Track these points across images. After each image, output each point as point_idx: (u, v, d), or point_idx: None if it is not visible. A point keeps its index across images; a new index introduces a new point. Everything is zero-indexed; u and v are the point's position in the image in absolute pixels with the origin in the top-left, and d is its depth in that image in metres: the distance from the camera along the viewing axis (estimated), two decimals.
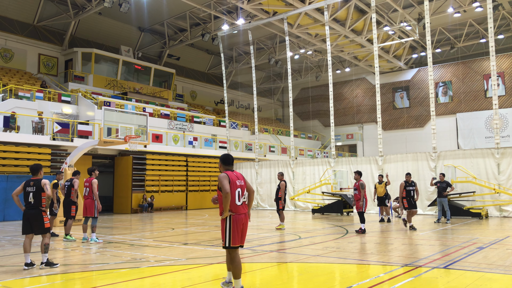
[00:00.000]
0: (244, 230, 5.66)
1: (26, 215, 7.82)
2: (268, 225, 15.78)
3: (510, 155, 17.82)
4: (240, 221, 5.58)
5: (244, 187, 5.74)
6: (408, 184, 13.72)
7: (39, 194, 7.83)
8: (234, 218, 5.55)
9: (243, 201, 5.68)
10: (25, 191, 7.90)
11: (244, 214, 5.64)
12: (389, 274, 7.03)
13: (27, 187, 7.90)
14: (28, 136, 20.09)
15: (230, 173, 5.68)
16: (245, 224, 5.68)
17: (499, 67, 35.86)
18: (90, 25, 31.15)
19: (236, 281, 5.57)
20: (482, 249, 9.35)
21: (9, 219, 18.43)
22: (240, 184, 5.68)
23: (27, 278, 7.00)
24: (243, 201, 5.68)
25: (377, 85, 21.76)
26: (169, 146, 26.32)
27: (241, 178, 5.77)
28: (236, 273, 5.58)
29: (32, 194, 7.83)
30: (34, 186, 7.85)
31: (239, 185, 5.65)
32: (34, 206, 7.81)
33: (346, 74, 43.32)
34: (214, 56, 40.15)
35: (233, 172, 5.73)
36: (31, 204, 7.82)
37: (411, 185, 13.70)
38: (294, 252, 9.35)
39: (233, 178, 5.63)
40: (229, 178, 5.56)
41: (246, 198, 5.75)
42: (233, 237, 5.52)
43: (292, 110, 26.47)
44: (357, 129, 43.64)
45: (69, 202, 12.29)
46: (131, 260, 8.60)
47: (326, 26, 24.37)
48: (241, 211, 5.62)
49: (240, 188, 5.65)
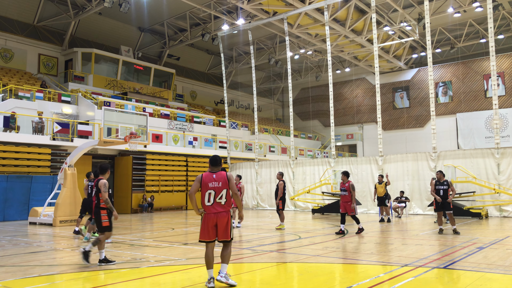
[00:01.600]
0: (219, 228, 6.15)
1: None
2: (268, 225, 15.78)
3: (510, 155, 17.82)
4: (210, 219, 6.14)
5: (220, 188, 6.16)
6: (439, 183, 12.54)
7: (97, 194, 8.33)
8: (204, 217, 6.20)
9: (217, 202, 6.16)
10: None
11: (214, 214, 6.14)
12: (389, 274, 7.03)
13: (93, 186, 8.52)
14: (28, 136, 20.09)
15: (207, 174, 6.26)
16: (220, 222, 6.14)
17: (499, 67, 35.86)
18: (90, 25, 31.15)
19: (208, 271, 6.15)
20: (482, 249, 9.35)
21: (9, 219, 18.42)
22: (214, 186, 6.16)
23: (27, 278, 7.00)
24: (217, 202, 6.16)
25: (377, 85, 21.76)
26: (169, 146, 26.32)
27: (219, 180, 6.19)
28: (206, 264, 6.17)
29: (94, 194, 8.45)
30: (95, 186, 8.40)
31: (211, 187, 6.16)
32: (96, 205, 8.35)
33: (346, 74, 43.32)
34: (214, 56, 40.15)
35: (213, 174, 6.26)
36: (94, 203, 8.39)
37: (442, 184, 12.47)
38: (294, 252, 9.35)
39: (206, 180, 6.20)
40: (201, 180, 6.21)
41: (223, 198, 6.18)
42: (201, 233, 6.21)
43: (292, 110, 26.46)
44: (357, 129, 43.64)
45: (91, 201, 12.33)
46: (131, 260, 8.60)
47: (326, 26, 24.37)
48: (211, 210, 6.15)
49: (213, 189, 6.16)
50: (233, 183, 6.25)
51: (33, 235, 13.46)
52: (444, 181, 12.50)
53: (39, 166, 20.50)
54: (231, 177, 6.32)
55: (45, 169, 20.63)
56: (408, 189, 19.90)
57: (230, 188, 6.22)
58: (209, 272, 6.15)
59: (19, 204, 18.83)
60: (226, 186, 6.20)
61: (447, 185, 12.43)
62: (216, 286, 6.09)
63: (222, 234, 6.20)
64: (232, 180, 6.27)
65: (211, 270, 6.15)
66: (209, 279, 6.11)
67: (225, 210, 6.21)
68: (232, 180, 6.27)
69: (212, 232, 6.18)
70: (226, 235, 6.20)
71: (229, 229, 6.24)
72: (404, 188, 19.85)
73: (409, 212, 19.62)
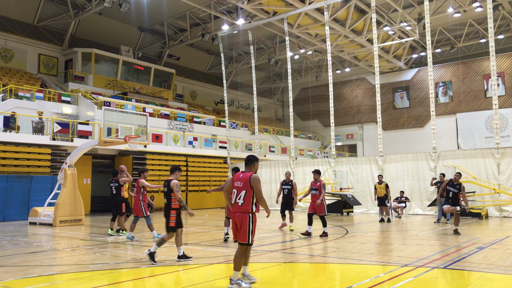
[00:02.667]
0: (239, 228, 6.10)
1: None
2: (268, 225, 15.78)
3: (510, 155, 17.82)
4: (233, 218, 6.22)
5: (241, 189, 6.09)
6: (451, 184, 12.10)
7: (168, 195, 8.58)
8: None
9: (236, 202, 6.13)
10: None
11: (233, 213, 6.16)
12: (389, 274, 7.03)
13: (164, 187, 8.79)
14: (28, 136, 20.09)
15: (238, 173, 6.25)
16: (239, 222, 6.09)
17: (499, 67, 35.86)
18: (90, 25, 31.15)
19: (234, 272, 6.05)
20: (482, 249, 9.35)
21: (9, 219, 18.42)
22: (237, 185, 6.15)
23: (27, 278, 7.00)
24: (236, 202, 6.13)
25: (377, 85, 21.76)
26: (169, 146, 26.32)
27: (242, 180, 6.11)
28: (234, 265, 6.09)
29: (164, 194, 8.74)
30: (166, 187, 8.66)
31: (235, 186, 6.18)
32: (167, 205, 8.67)
33: (346, 74, 43.31)
34: (214, 56, 40.15)
35: (240, 173, 6.22)
36: (165, 203, 8.75)
37: (453, 186, 12.00)
38: (294, 252, 9.34)
39: (234, 179, 6.24)
40: (232, 178, 6.31)
41: (241, 199, 6.09)
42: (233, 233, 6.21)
43: (292, 110, 26.46)
44: (357, 129, 43.64)
45: (122, 200, 12.76)
46: (131, 260, 8.60)
47: (326, 26, 24.37)
48: (233, 209, 6.19)
49: (235, 189, 6.17)
50: (256, 185, 5.98)
51: (33, 235, 13.45)
52: (457, 184, 12.00)
53: (39, 166, 20.50)
54: (255, 179, 6.04)
55: (45, 169, 20.63)
56: (408, 189, 19.90)
57: (254, 190, 6.01)
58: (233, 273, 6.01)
59: (19, 204, 18.83)
60: (246, 187, 6.03)
61: (459, 189, 11.93)
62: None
63: (236, 234, 6.25)
64: (255, 182, 6.00)
65: (235, 273, 6.00)
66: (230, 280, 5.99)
67: (240, 211, 6.07)
68: (255, 182, 6.00)
69: (235, 232, 6.27)
70: (241, 236, 6.08)
71: (245, 232, 6.04)
72: (404, 188, 19.85)
73: (409, 212, 19.62)
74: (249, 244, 6.09)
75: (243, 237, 6.06)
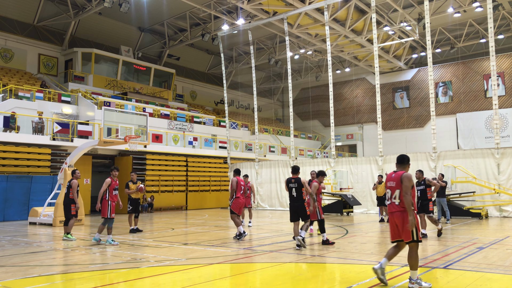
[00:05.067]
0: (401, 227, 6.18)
1: (293, 207, 9.87)
2: (268, 225, 15.78)
3: (510, 155, 17.82)
4: (391, 219, 6.37)
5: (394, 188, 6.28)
6: (417, 184, 11.44)
7: (300, 190, 9.69)
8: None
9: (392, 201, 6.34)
10: (289, 187, 9.91)
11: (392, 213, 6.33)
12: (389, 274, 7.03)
13: (289, 183, 9.86)
14: (28, 136, 20.09)
15: (389, 174, 6.51)
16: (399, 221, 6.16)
17: (499, 67, 35.86)
18: (90, 25, 31.15)
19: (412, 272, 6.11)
20: (482, 249, 9.35)
21: (9, 219, 18.42)
22: (390, 185, 6.38)
23: (27, 278, 7.00)
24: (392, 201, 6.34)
25: (377, 85, 21.76)
26: (169, 146, 26.32)
27: (394, 179, 6.33)
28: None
29: (295, 190, 9.75)
30: (295, 183, 9.72)
31: (388, 187, 6.42)
32: (297, 199, 9.73)
33: (346, 74, 43.31)
34: (214, 56, 40.15)
35: (392, 173, 6.47)
36: (294, 197, 9.78)
37: (418, 185, 11.49)
38: (294, 252, 9.35)
39: (386, 180, 6.54)
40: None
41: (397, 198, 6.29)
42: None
43: (292, 110, 26.45)
44: (357, 129, 43.64)
45: (69, 201, 12.32)
46: (131, 260, 8.60)
47: (326, 26, 24.37)
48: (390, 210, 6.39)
49: (389, 189, 6.42)
50: (404, 182, 6.16)
51: (33, 235, 13.46)
52: (422, 181, 11.57)
53: (39, 166, 20.50)
54: (406, 177, 6.22)
55: (45, 169, 20.63)
56: None
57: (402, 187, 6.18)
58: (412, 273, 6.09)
59: (19, 204, 18.83)
60: (399, 186, 6.22)
61: (424, 185, 11.50)
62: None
63: (395, 235, 6.30)
64: (405, 180, 6.17)
65: (413, 272, 6.07)
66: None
67: (399, 210, 6.21)
68: (405, 179, 6.18)
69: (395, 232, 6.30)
70: (406, 235, 6.10)
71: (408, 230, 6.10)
72: None
73: None
74: (417, 240, 6.05)
75: (408, 235, 6.05)
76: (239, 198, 11.46)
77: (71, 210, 12.23)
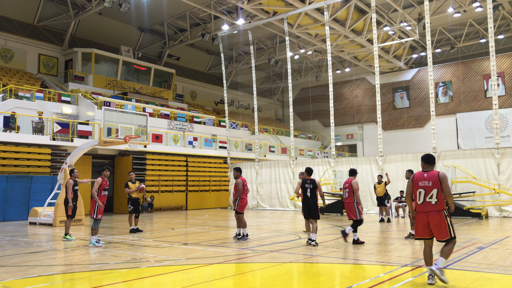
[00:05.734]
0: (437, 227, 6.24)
1: (307, 206, 10.39)
2: (268, 225, 15.79)
3: (510, 155, 17.82)
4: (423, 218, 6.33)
5: (430, 188, 6.29)
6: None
7: (314, 190, 10.31)
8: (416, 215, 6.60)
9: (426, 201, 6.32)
10: (304, 187, 10.33)
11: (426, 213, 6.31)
12: (389, 274, 7.04)
13: (305, 184, 10.35)
14: (28, 136, 20.09)
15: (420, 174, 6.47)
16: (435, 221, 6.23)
17: (499, 67, 35.86)
18: (90, 25, 31.15)
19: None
20: (482, 249, 9.36)
21: (9, 219, 18.42)
22: (423, 185, 6.37)
23: (27, 278, 7.00)
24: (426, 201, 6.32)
25: (377, 85, 21.76)
26: (169, 146, 26.33)
27: (428, 179, 6.35)
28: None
29: (309, 190, 10.30)
30: (311, 184, 10.30)
31: (421, 186, 6.40)
32: (311, 199, 10.33)
33: (346, 74, 43.31)
34: (214, 56, 40.15)
35: (423, 173, 6.44)
36: (308, 197, 10.33)
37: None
38: (294, 252, 9.35)
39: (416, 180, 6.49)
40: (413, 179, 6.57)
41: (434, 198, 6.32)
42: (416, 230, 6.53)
43: (292, 110, 26.46)
44: (357, 129, 43.64)
45: (65, 201, 12.34)
46: (131, 260, 8.60)
47: (326, 26, 24.37)
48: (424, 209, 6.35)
49: (422, 189, 6.39)
50: (444, 181, 6.29)
51: (33, 235, 13.46)
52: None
53: (39, 166, 20.50)
54: (444, 176, 6.30)
55: (45, 169, 20.63)
56: None
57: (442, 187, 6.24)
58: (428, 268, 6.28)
59: (19, 204, 18.83)
60: (436, 185, 6.22)
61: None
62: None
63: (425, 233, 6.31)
64: (444, 179, 6.32)
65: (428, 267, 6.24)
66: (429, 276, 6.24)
67: (435, 210, 6.22)
68: (444, 178, 6.33)
69: (427, 231, 6.30)
70: (443, 234, 6.21)
71: (445, 229, 6.19)
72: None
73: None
74: (454, 237, 6.22)
75: (445, 233, 6.17)
76: (244, 199, 11.52)
77: (68, 210, 12.25)
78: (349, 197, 10.62)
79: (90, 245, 10.55)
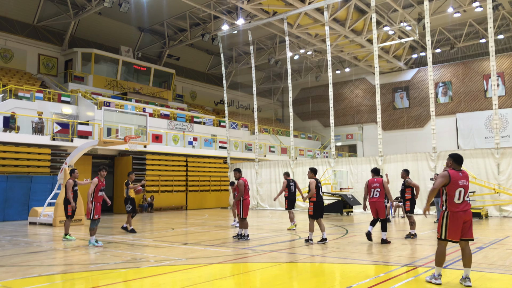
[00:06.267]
0: (468, 225, 6.38)
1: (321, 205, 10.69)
2: (268, 225, 15.79)
3: (510, 155, 17.82)
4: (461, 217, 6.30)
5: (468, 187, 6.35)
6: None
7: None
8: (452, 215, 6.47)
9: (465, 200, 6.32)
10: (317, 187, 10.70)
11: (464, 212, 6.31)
12: (389, 274, 7.03)
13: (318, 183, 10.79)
14: (28, 136, 20.09)
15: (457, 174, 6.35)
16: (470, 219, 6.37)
17: (499, 67, 35.86)
18: (90, 25, 31.15)
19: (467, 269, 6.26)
20: (482, 249, 9.36)
21: (9, 219, 18.42)
22: (463, 184, 6.33)
23: (27, 278, 7.00)
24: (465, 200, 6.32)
25: (377, 85, 21.76)
26: (169, 146, 26.32)
27: (465, 178, 6.39)
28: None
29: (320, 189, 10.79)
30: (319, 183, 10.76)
31: (461, 185, 6.32)
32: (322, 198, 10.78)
33: (346, 74, 43.31)
34: (214, 56, 40.15)
35: (459, 173, 6.37)
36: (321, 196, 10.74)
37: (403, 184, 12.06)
38: (294, 252, 9.35)
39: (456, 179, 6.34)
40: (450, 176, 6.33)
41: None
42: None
43: (292, 110, 26.46)
44: (357, 129, 43.64)
45: (65, 201, 12.33)
46: (131, 260, 8.60)
47: (326, 26, 24.37)
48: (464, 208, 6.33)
49: (462, 187, 6.33)
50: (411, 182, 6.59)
51: (33, 235, 13.46)
52: (404, 181, 11.94)
53: (39, 166, 20.50)
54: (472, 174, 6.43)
55: (45, 169, 20.63)
56: None
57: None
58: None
59: (19, 204, 18.83)
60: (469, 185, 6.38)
61: (404, 185, 11.93)
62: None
63: (457, 233, 6.32)
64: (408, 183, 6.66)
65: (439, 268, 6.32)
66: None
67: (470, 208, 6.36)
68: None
69: (458, 231, 6.30)
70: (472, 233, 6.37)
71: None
72: None
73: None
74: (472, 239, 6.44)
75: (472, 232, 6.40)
76: (247, 200, 11.48)
77: (68, 210, 12.25)
78: (381, 196, 10.64)
79: (90, 245, 10.58)
